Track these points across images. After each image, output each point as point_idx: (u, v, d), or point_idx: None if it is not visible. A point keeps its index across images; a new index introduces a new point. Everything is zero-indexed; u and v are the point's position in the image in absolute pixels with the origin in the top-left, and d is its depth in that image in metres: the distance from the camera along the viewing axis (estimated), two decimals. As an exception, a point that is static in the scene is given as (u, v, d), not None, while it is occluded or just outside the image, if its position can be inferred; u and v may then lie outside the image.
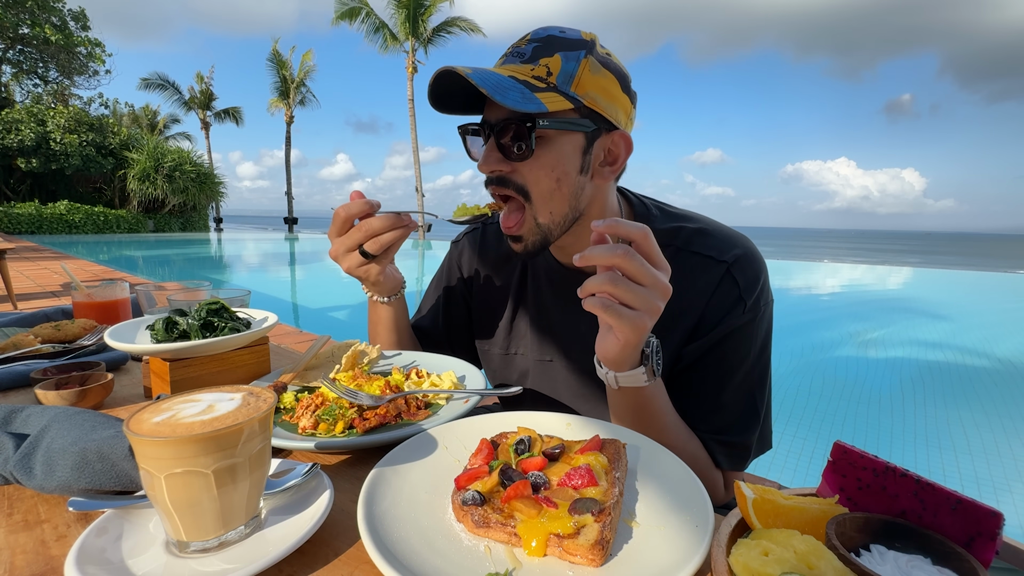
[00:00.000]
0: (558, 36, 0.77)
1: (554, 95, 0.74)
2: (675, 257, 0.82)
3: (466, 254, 1.16)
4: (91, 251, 12.95)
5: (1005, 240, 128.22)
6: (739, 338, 0.83)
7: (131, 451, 0.57)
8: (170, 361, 0.87)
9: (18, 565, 0.50)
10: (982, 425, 3.79)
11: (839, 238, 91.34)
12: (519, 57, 0.77)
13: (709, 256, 0.84)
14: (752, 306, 0.83)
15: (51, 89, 22.99)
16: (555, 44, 0.76)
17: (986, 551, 0.39)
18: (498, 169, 0.80)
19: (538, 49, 0.76)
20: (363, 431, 0.73)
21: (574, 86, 0.75)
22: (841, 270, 16.32)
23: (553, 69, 0.75)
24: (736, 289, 0.82)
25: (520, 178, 0.80)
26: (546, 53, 0.76)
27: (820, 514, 0.45)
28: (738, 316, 0.82)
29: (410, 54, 23.39)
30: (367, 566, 0.50)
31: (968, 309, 10.09)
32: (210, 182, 22.52)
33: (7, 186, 19.32)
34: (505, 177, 0.80)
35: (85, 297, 1.32)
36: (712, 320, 0.83)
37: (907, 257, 28.20)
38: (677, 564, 0.45)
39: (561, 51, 0.76)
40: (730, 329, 0.82)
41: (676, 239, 0.87)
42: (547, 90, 0.74)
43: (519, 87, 0.72)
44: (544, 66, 0.75)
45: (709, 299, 0.83)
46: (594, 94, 0.76)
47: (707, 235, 0.87)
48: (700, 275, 0.84)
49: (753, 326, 0.84)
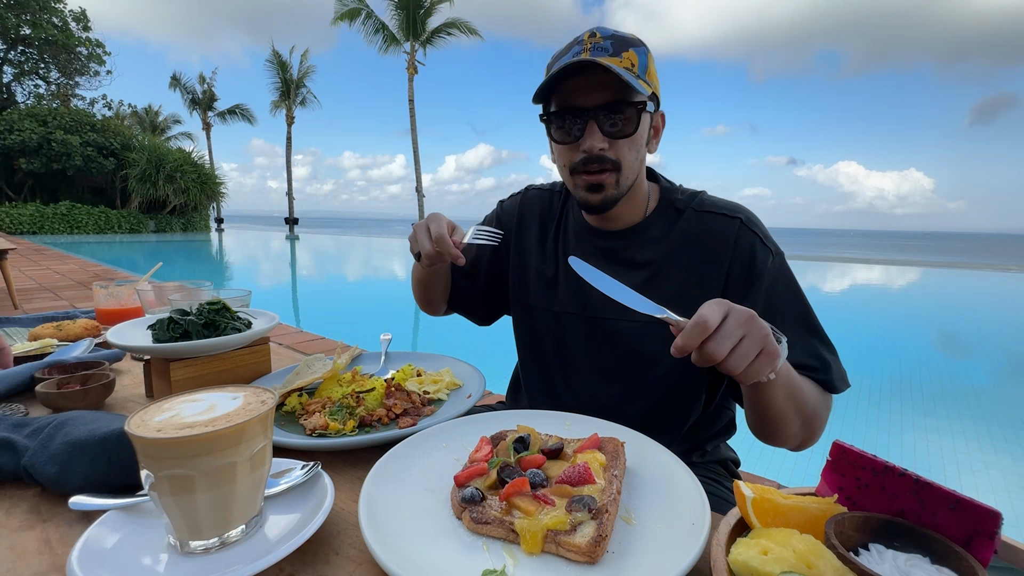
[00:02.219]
0: (620, 34, 0.88)
1: (643, 83, 0.86)
2: (697, 218, 0.96)
3: (509, 215, 1.21)
4: (92, 251, 12.97)
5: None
6: (781, 278, 0.92)
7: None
8: (171, 361, 0.87)
9: (21, 564, 0.50)
10: (981, 424, 3.79)
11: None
12: (604, 52, 0.86)
13: (722, 213, 0.95)
14: (775, 250, 0.93)
15: (53, 90, 23.03)
16: (624, 41, 0.87)
17: (984, 550, 0.39)
18: (602, 147, 0.88)
19: (615, 43, 0.86)
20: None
21: (648, 75, 0.88)
22: (852, 269, 16.32)
23: (634, 61, 0.86)
24: (756, 238, 0.92)
25: (615, 153, 0.90)
26: (623, 48, 0.86)
27: (819, 513, 0.45)
28: (770, 260, 0.91)
29: (410, 55, 23.40)
30: (367, 565, 0.50)
31: (969, 309, 10.09)
32: (211, 182, 22.55)
33: (9, 186, 19.34)
34: (604, 155, 0.89)
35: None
36: (745, 270, 0.91)
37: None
38: (674, 561, 0.45)
39: (632, 47, 0.87)
40: (770, 274, 0.91)
41: (693, 203, 0.98)
42: (637, 78, 0.85)
43: (633, 77, 0.83)
44: (627, 59, 0.86)
45: (733, 248, 0.92)
46: (655, 81, 0.91)
47: (715, 200, 0.99)
48: (719, 227, 0.94)
49: (785, 265, 0.93)
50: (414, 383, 0.91)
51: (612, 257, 1.01)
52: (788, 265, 0.94)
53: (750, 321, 0.62)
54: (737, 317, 0.62)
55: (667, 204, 1.00)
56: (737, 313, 0.62)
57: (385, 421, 0.79)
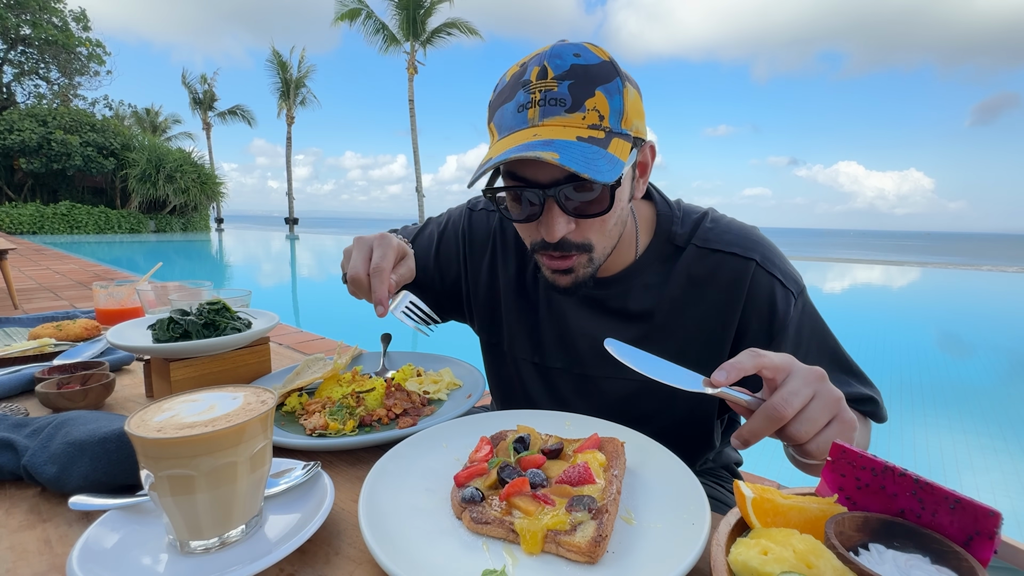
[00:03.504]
0: (582, 65, 0.67)
1: (617, 141, 0.67)
2: (701, 257, 0.82)
3: (480, 233, 1.01)
4: (92, 251, 12.97)
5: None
6: (806, 321, 0.82)
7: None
8: (171, 361, 0.87)
9: (20, 565, 0.50)
10: (981, 424, 3.79)
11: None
12: (560, 105, 0.66)
13: (733, 253, 0.81)
14: (797, 288, 0.82)
15: (53, 90, 23.04)
16: (587, 78, 0.66)
17: (984, 550, 0.39)
18: (568, 230, 0.72)
19: (575, 88, 0.66)
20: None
21: (624, 122, 0.68)
22: (852, 269, 16.32)
23: (603, 111, 0.66)
24: (775, 281, 0.80)
25: (583, 235, 0.73)
26: (586, 93, 0.66)
27: (819, 513, 0.45)
28: (792, 305, 0.81)
29: (410, 55, 23.40)
30: (367, 565, 0.50)
31: (968, 309, 10.09)
32: (211, 182, 22.55)
33: (9, 186, 19.35)
34: (568, 240, 0.72)
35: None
36: (765, 322, 0.80)
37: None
38: (674, 561, 0.45)
39: (599, 86, 0.67)
40: (795, 321, 0.81)
41: (695, 237, 0.84)
42: (608, 137, 0.66)
43: (598, 152, 0.64)
44: (593, 110, 0.66)
45: (748, 295, 0.80)
46: (636, 121, 0.71)
47: (724, 231, 0.84)
48: (730, 271, 0.81)
49: (808, 302, 0.83)
50: (414, 383, 0.91)
51: (599, 307, 0.88)
52: (810, 299, 0.84)
53: (820, 380, 0.55)
54: (807, 380, 0.54)
55: (664, 239, 0.85)
56: (806, 376, 0.54)
57: (385, 421, 0.79)
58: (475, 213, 1.03)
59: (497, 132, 0.72)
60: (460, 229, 1.03)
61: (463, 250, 1.02)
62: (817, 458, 0.54)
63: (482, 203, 1.04)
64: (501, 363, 1.02)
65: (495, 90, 0.74)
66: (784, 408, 0.53)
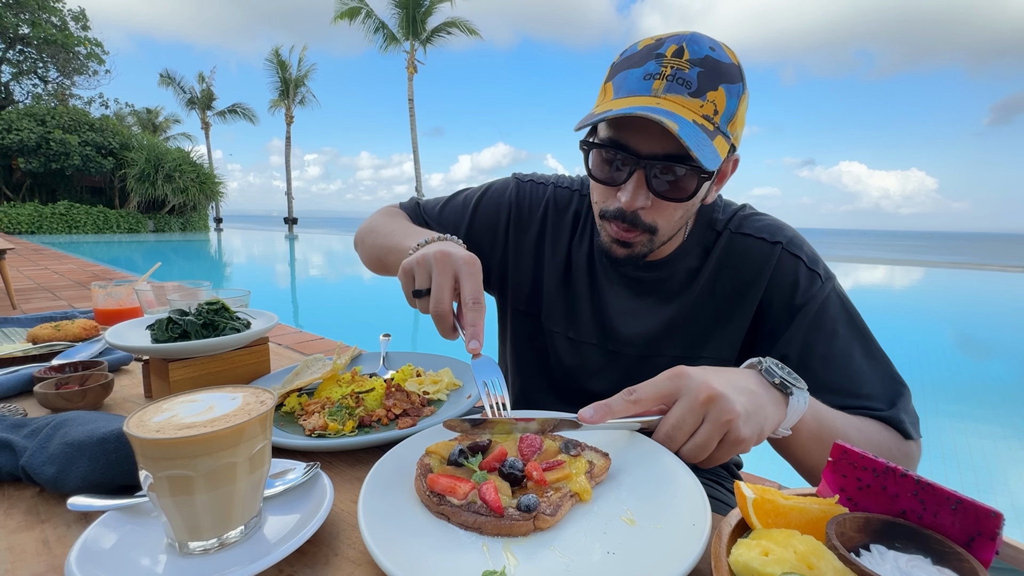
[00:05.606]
0: (714, 58, 0.70)
1: (720, 140, 0.70)
2: (733, 241, 0.86)
3: (531, 203, 1.02)
4: (91, 251, 12.95)
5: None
6: (832, 304, 0.82)
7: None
8: (170, 361, 0.87)
9: (19, 566, 0.50)
10: (983, 425, 3.79)
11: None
12: (685, 87, 0.68)
13: (761, 238, 0.85)
14: (824, 273, 0.83)
15: (51, 89, 23.01)
16: (717, 72, 0.69)
17: (986, 551, 0.39)
18: (643, 205, 0.74)
19: (703, 77, 0.69)
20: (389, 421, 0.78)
21: (731, 125, 0.71)
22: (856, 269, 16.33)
23: (719, 107, 0.69)
24: (800, 262, 0.82)
25: (654, 216, 0.76)
26: (711, 85, 0.69)
27: (820, 514, 0.45)
28: (816, 285, 0.81)
29: (410, 54, 23.40)
30: (367, 566, 0.50)
31: (974, 309, 10.10)
32: (210, 182, 22.54)
33: (7, 186, 19.32)
34: (639, 218, 0.75)
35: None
36: (786, 299, 0.81)
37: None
38: (674, 562, 0.45)
39: (724, 83, 0.69)
40: (818, 301, 0.80)
41: (731, 223, 0.88)
42: (715, 132, 0.69)
43: (707, 140, 0.67)
44: (711, 103, 0.69)
45: (772, 276, 0.82)
46: (739, 129, 0.74)
47: (757, 219, 0.88)
48: (756, 254, 0.84)
49: (837, 289, 0.83)
50: (414, 383, 0.91)
51: (639, 288, 0.91)
52: (842, 288, 0.84)
53: (709, 403, 0.57)
54: (693, 407, 0.58)
55: (706, 224, 0.89)
56: (692, 403, 0.58)
57: (384, 422, 0.79)
58: (523, 184, 1.05)
59: (614, 92, 0.74)
60: (507, 197, 1.04)
61: (508, 218, 1.03)
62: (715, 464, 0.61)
63: (528, 175, 1.06)
64: (536, 332, 1.04)
65: (622, 54, 0.77)
66: (669, 443, 0.60)
